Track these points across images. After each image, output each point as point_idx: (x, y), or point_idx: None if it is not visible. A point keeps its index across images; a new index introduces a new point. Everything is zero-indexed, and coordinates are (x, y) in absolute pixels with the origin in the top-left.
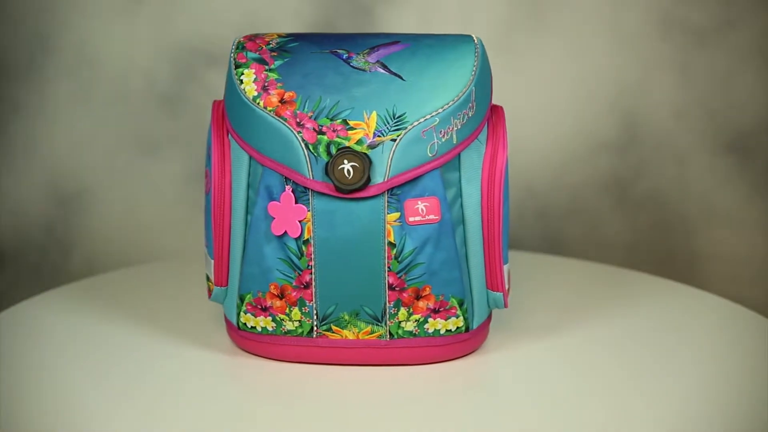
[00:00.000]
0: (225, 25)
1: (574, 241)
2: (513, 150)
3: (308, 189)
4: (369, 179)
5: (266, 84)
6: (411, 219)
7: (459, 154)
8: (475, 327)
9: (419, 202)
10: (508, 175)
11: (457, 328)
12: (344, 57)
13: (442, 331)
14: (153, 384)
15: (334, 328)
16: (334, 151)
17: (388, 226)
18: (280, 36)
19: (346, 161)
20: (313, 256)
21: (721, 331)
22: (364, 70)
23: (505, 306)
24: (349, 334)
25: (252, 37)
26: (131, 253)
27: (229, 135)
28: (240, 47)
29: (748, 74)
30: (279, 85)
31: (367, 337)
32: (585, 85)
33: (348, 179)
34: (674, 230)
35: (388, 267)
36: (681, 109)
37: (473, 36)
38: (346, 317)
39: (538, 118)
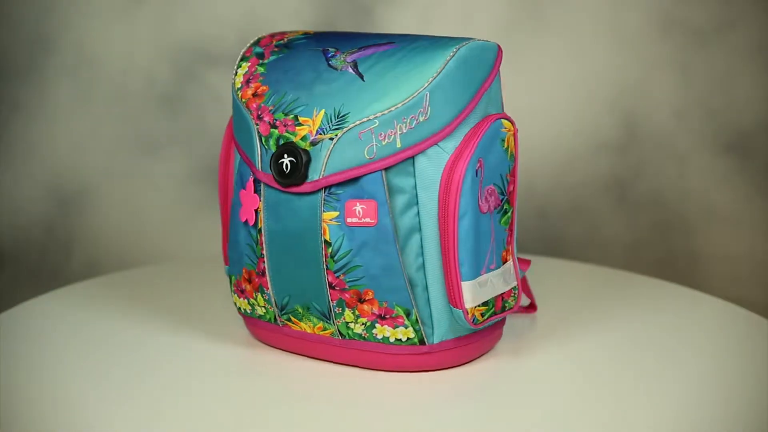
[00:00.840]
0: (225, 25)
1: (574, 242)
2: None
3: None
4: (306, 175)
5: (251, 77)
6: (348, 220)
7: (413, 160)
8: (435, 342)
9: (357, 204)
10: (508, 186)
11: (408, 338)
12: (329, 55)
13: (392, 339)
14: (153, 384)
15: (293, 319)
16: (281, 144)
17: (324, 224)
18: (306, 33)
19: (286, 155)
20: (264, 245)
21: (721, 332)
22: (336, 69)
23: (471, 325)
24: (306, 327)
25: (275, 33)
26: (131, 252)
27: None
28: (256, 42)
29: (748, 74)
30: (260, 79)
31: (321, 332)
32: (585, 85)
33: (285, 173)
34: (674, 230)
35: (326, 265)
36: (681, 109)
37: (473, 39)
38: (300, 310)
39: (538, 118)
